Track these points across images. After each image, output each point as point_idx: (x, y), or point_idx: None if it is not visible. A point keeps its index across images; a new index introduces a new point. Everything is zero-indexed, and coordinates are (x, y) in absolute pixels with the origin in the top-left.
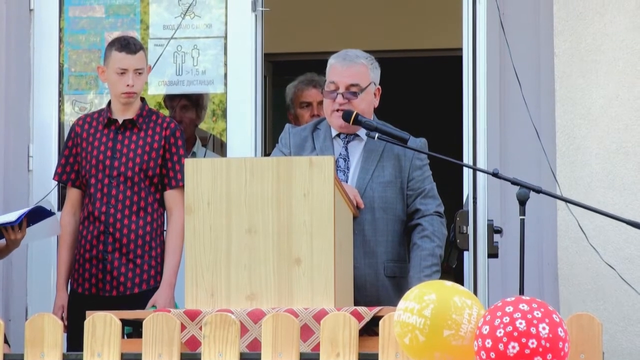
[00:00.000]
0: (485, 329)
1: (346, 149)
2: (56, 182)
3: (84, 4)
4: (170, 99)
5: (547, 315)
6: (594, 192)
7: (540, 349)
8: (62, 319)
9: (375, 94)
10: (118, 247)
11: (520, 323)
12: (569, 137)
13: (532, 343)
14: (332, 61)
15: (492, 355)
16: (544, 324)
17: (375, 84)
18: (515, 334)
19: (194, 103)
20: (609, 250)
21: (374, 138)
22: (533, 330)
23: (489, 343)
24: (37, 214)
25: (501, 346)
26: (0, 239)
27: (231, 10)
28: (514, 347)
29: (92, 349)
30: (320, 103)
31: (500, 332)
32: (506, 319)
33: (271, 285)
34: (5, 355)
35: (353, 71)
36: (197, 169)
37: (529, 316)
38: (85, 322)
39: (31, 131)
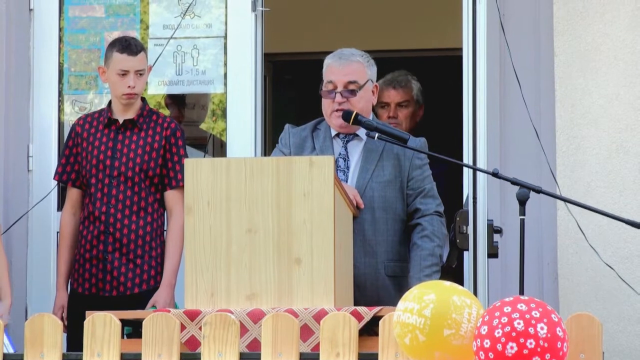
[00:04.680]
0: (484, 329)
1: (346, 149)
2: (56, 182)
3: (84, 4)
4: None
5: (546, 315)
6: (594, 192)
7: (539, 349)
8: (62, 319)
9: (373, 91)
10: (118, 247)
11: (519, 323)
12: (568, 137)
13: (530, 343)
14: (328, 61)
15: (491, 355)
16: (542, 324)
17: (372, 81)
18: (514, 334)
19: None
20: (608, 250)
21: (374, 138)
22: (531, 330)
23: (487, 343)
24: None
25: (499, 346)
26: None
27: (231, 10)
28: (512, 348)
29: (92, 349)
30: (399, 105)
31: (498, 333)
32: (504, 319)
33: (271, 285)
34: (5, 355)
35: (350, 69)
36: (197, 168)
37: (527, 316)
38: (85, 322)
39: (31, 131)
